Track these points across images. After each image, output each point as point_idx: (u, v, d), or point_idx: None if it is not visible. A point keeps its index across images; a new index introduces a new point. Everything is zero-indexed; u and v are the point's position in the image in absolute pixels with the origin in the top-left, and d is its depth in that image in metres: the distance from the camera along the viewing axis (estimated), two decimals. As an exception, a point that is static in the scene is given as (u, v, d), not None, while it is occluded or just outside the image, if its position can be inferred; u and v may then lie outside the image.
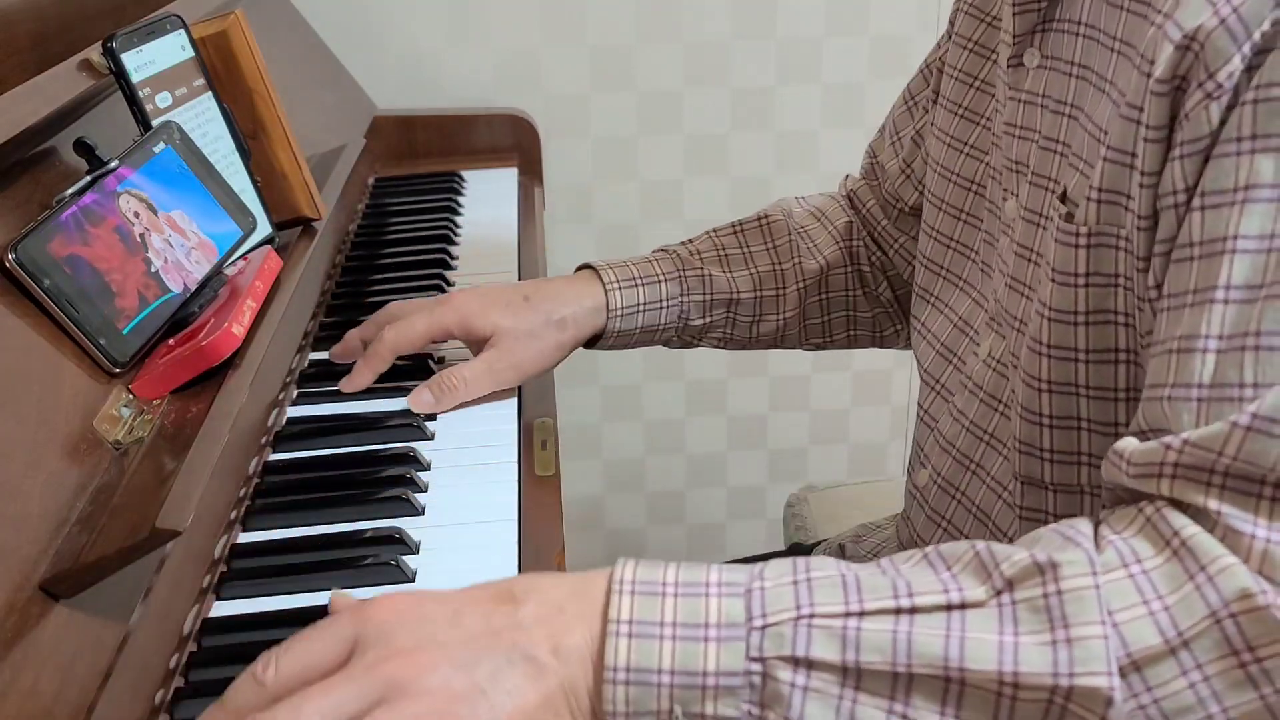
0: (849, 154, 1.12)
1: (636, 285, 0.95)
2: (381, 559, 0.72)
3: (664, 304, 0.96)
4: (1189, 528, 0.54)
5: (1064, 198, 0.68)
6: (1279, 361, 0.54)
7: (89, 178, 0.72)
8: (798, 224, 1.03)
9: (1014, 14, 0.74)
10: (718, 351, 1.76)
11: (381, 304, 1.06)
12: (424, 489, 0.80)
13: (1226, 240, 0.56)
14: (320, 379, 0.94)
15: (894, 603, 0.54)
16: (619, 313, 0.94)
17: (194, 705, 0.61)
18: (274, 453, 0.84)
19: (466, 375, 0.89)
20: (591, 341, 0.96)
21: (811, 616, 0.54)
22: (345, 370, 0.93)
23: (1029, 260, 0.73)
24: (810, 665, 0.53)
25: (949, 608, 0.54)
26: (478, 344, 0.92)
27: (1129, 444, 0.58)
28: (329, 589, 0.70)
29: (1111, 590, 0.54)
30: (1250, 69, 0.55)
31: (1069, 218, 0.66)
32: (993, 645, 0.52)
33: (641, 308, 0.95)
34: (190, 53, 0.85)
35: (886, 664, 0.53)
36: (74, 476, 0.63)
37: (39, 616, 0.56)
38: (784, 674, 0.53)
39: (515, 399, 0.92)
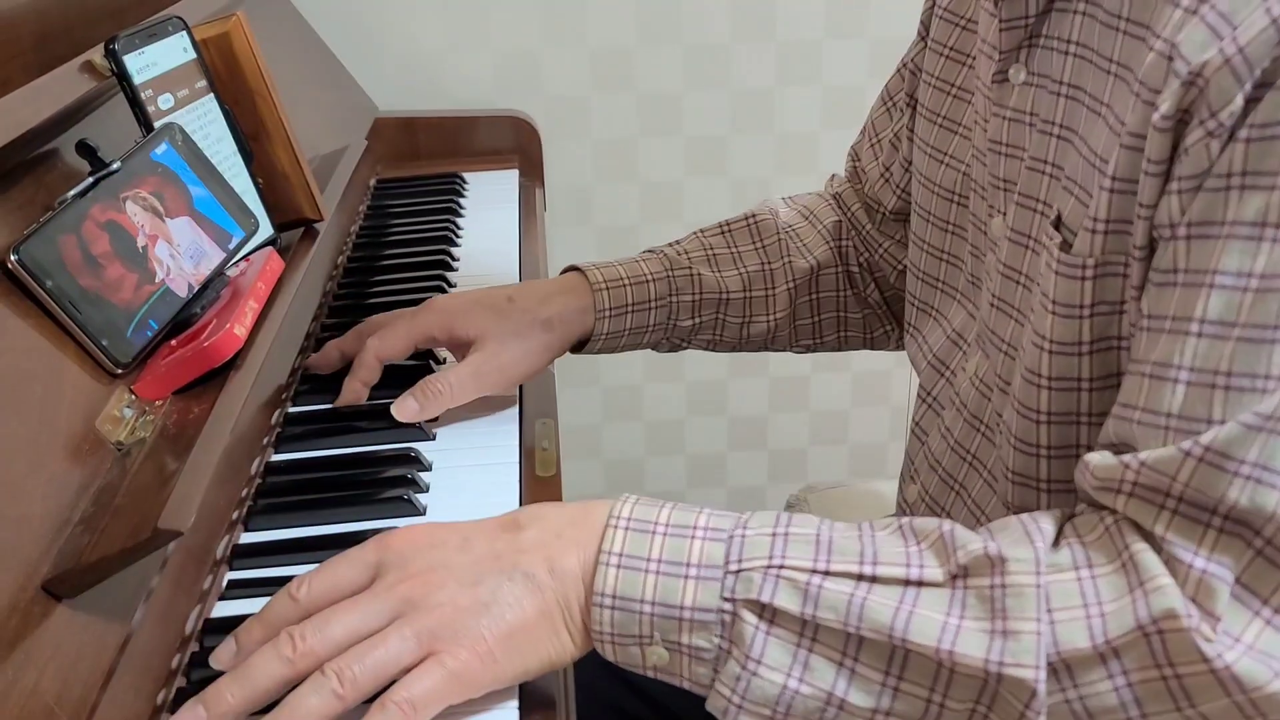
0: (849, 155, 1.13)
1: (624, 286, 0.94)
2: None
3: (652, 304, 0.95)
4: (1138, 544, 0.57)
5: (1058, 224, 0.66)
6: (1246, 402, 0.55)
7: (91, 179, 0.72)
8: (785, 223, 1.01)
9: (1000, 30, 0.71)
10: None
11: (383, 305, 1.06)
12: (425, 489, 0.80)
13: (1207, 274, 0.56)
14: (319, 381, 0.94)
15: (858, 568, 0.59)
16: (607, 313, 0.93)
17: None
18: (275, 453, 0.85)
19: (452, 380, 0.87)
20: (579, 345, 0.94)
21: (781, 568, 0.59)
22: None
23: (1017, 283, 0.71)
24: (774, 612, 0.58)
25: (906, 582, 0.58)
26: (462, 348, 0.90)
27: (1094, 456, 0.60)
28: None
29: (1056, 590, 0.57)
30: (1249, 104, 0.54)
31: (1065, 247, 0.65)
32: (937, 624, 0.57)
33: (630, 309, 0.94)
34: (192, 54, 0.85)
35: (839, 623, 0.58)
36: (76, 477, 0.63)
37: (41, 617, 0.56)
38: (749, 616, 0.58)
39: (516, 400, 0.92)
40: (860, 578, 0.58)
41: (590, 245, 1.68)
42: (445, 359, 0.96)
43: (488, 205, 1.37)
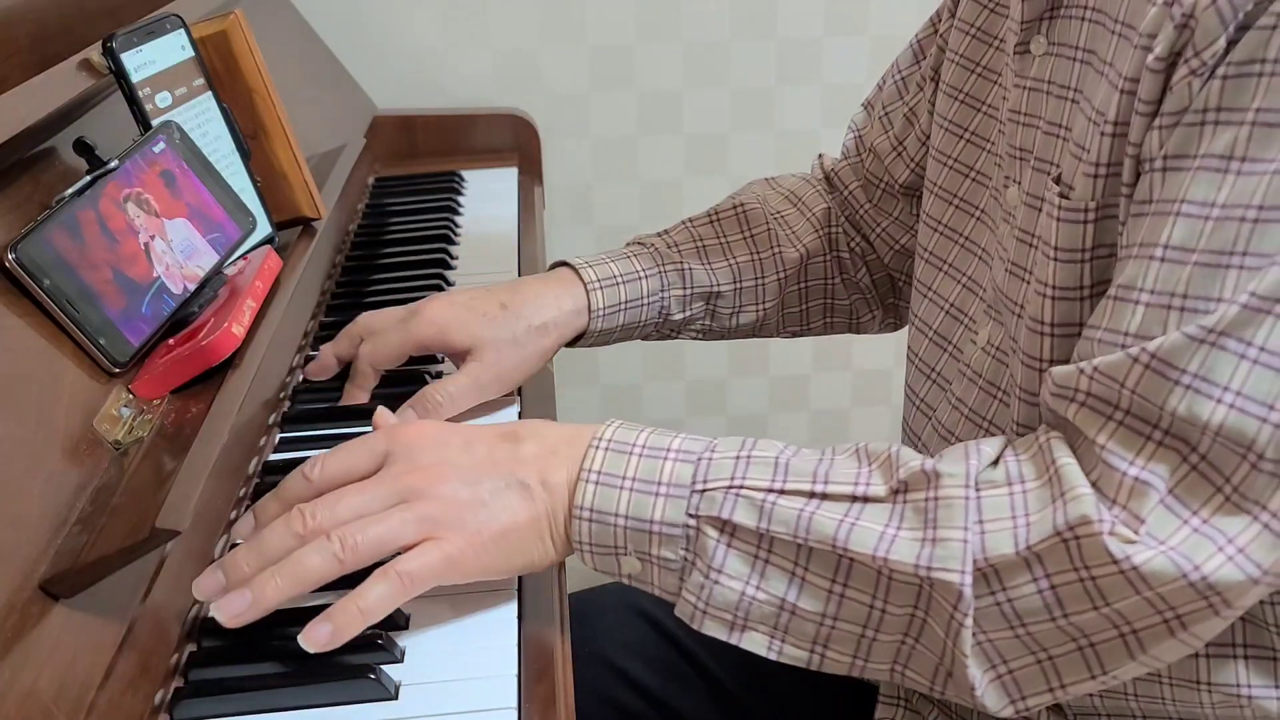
0: (849, 154, 1.13)
1: (618, 284, 0.94)
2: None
3: (645, 301, 0.96)
4: (1064, 458, 0.62)
5: (1059, 180, 0.69)
6: (1196, 322, 0.58)
7: (89, 177, 0.72)
8: (773, 209, 1.02)
9: (1023, 1, 0.74)
10: (718, 352, 1.78)
11: (381, 304, 1.06)
12: (424, 489, 0.80)
13: (1174, 203, 0.60)
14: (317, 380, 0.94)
15: (810, 487, 0.64)
16: (601, 313, 0.93)
17: (194, 705, 0.62)
18: (274, 453, 0.84)
19: (451, 390, 0.86)
20: (572, 341, 0.95)
21: (741, 487, 0.64)
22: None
23: (1030, 245, 0.73)
24: (734, 528, 0.64)
25: (853, 499, 0.64)
26: (458, 356, 0.89)
27: (1057, 368, 0.65)
28: (328, 588, 0.70)
29: (989, 503, 0.62)
30: (1230, 45, 0.58)
31: (1065, 196, 0.68)
32: (875, 534, 0.62)
33: (623, 306, 0.95)
34: (190, 52, 0.85)
35: (790, 535, 0.63)
36: (74, 476, 0.63)
37: (39, 616, 0.56)
38: (711, 532, 0.64)
39: (516, 400, 0.92)
40: (812, 495, 0.64)
41: (590, 244, 1.68)
42: (443, 359, 0.96)
43: (487, 203, 1.37)
